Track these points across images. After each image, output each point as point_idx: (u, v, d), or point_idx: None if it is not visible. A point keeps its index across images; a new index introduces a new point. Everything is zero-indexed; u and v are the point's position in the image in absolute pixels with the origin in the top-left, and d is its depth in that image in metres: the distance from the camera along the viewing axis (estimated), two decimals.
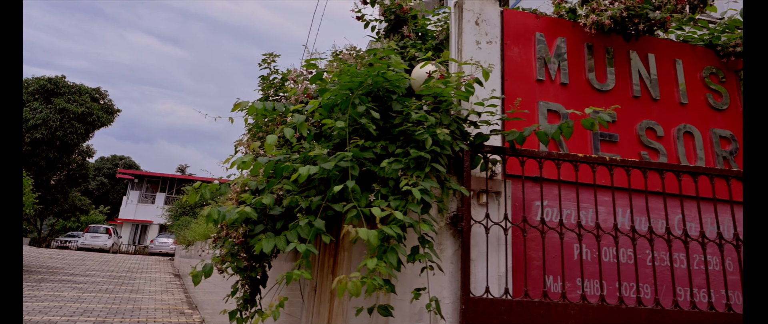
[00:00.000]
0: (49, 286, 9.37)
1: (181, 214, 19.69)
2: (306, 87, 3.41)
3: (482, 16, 3.40)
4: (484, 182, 2.82)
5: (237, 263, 2.84)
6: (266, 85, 4.22)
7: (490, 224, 2.73)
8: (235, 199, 3.02)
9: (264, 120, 3.72)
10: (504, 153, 2.81)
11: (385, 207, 2.14)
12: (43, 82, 25.73)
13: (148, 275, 12.82)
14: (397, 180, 2.46)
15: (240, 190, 3.07)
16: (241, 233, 2.81)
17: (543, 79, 3.41)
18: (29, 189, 10.43)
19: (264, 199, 2.51)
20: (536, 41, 3.50)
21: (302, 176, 2.28)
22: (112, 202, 48.85)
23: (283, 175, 2.69)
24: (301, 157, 2.64)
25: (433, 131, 2.45)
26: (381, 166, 2.39)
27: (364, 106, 2.45)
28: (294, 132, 2.46)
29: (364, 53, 3.87)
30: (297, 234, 2.56)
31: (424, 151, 2.40)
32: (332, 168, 2.32)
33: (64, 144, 25.28)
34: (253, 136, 3.66)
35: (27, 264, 13.00)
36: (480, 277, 2.71)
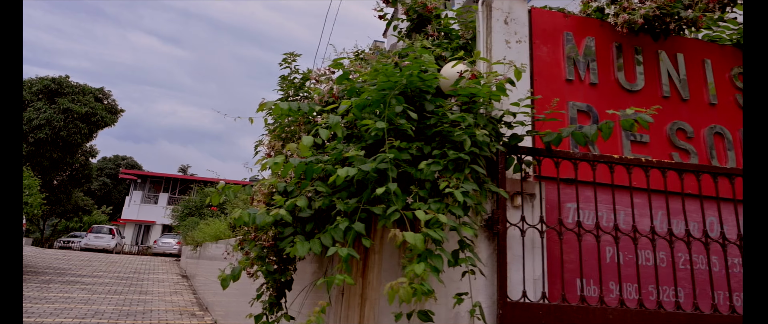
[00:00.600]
0: (58, 287, 9.32)
1: (187, 214, 19.64)
2: (331, 87, 3.36)
3: (511, 15, 3.35)
4: (518, 184, 2.77)
5: (266, 267, 2.79)
6: (287, 85, 4.17)
7: (525, 227, 2.68)
8: (263, 201, 2.97)
9: (287, 120, 3.67)
10: (539, 154, 2.75)
11: (428, 210, 2.09)
12: (46, 82, 25.69)
13: (155, 276, 12.77)
14: (433, 182, 2.41)
15: (268, 191, 3.02)
16: (270, 236, 2.76)
17: (572, 78, 3.36)
18: (36, 189, 10.38)
19: (298, 202, 2.46)
20: (565, 40, 3.44)
21: (340, 178, 2.23)
22: (114, 202, 48.86)
23: (314, 176, 2.64)
24: (332, 158, 2.59)
25: (471, 132, 2.40)
26: (419, 167, 2.33)
27: (401, 107, 2.40)
28: (329, 133, 2.41)
29: (388, 52, 3.82)
30: (331, 237, 2.51)
31: (463, 152, 2.35)
32: (371, 170, 2.27)
33: (68, 144, 25.23)
34: (276, 136, 3.60)
35: (33, 265, 12.96)
36: (515, 281, 2.67)
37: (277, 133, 3.65)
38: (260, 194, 3.00)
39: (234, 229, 5.58)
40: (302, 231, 2.78)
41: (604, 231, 2.73)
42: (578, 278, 2.77)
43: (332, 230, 2.53)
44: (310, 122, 3.62)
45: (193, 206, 19.80)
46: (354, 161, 2.35)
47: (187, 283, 11.75)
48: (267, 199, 2.97)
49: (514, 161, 2.77)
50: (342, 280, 2.03)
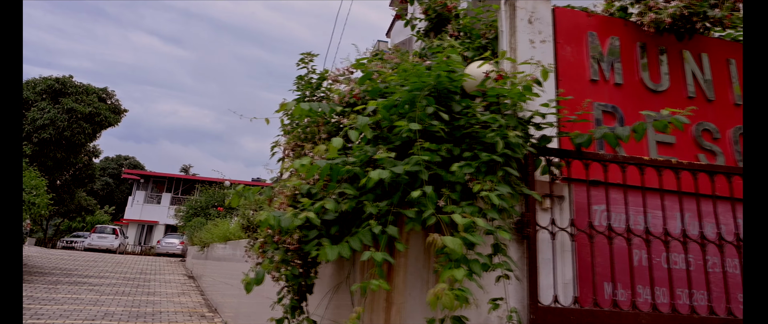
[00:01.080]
0: (66, 288, 9.29)
1: (192, 215, 19.58)
2: (352, 88, 3.31)
3: (535, 14, 3.30)
4: (547, 186, 2.73)
5: (291, 270, 2.74)
6: (304, 85, 4.12)
7: (555, 230, 2.63)
8: (286, 204, 2.92)
9: (306, 121, 3.62)
10: (569, 156, 2.71)
11: (464, 213, 2.05)
12: (50, 81, 25.67)
13: (161, 277, 12.73)
14: (464, 184, 2.37)
15: (291, 193, 2.97)
16: (295, 239, 2.71)
17: (597, 79, 3.31)
18: (43, 190, 10.35)
19: (326, 204, 2.41)
20: (589, 40, 3.40)
21: (372, 180, 2.19)
22: (116, 202, 48.88)
23: (339, 178, 2.60)
24: (358, 160, 2.54)
25: (503, 133, 2.36)
26: (451, 170, 2.29)
27: (432, 108, 2.35)
28: (358, 134, 2.36)
29: (406, 52, 3.78)
30: (359, 240, 2.47)
31: (496, 154, 2.31)
32: (403, 172, 2.22)
33: (72, 144, 25.21)
34: (295, 137, 3.56)
35: (40, 265, 12.93)
36: (545, 285, 2.62)
37: (295, 134, 3.61)
38: (283, 196, 2.95)
39: (247, 231, 5.54)
40: (327, 234, 2.74)
41: (635, 234, 2.68)
42: (607, 282, 2.73)
43: (361, 233, 2.49)
44: (329, 123, 3.58)
45: (199, 206, 19.76)
46: (384, 163, 2.31)
47: (193, 283, 11.70)
48: (290, 201, 2.92)
49: (541, 163, 2.72)
50: (378, 286, 1.99)
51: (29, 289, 8.86)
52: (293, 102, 3.32)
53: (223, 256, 8.43)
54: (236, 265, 7.08)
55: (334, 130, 3.56)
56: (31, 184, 9.89)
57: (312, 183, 2.92)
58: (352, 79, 3.78)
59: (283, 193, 3.03)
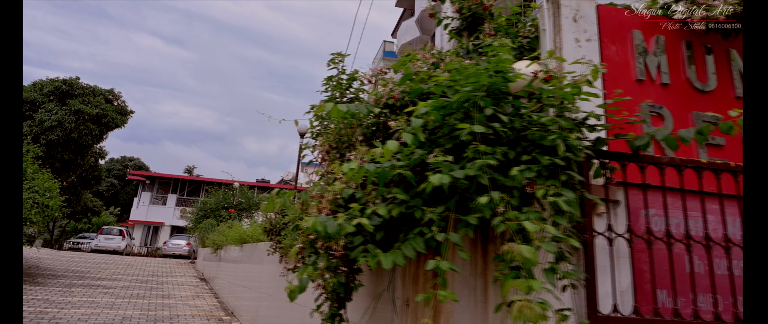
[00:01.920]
0: (80, 291, 9.23)
1: (202, 216, 19.52)
2: (391, 88, 3.22)
3: (579, 13, 3.20)
4: (602, 190, 2.63)
5: (338, 277, 2.65)
6: (334, 85, 4.03)
7: (613, 236, 2.54)
8: (328, 209, 2.83)
9: (341, 123, 3.53)
10: (625, 159, 2.61)
11: (534, 220, 1.95)
12: (57, 83, 25.66)
13: (173, 279, 12.66)
14: (521, 189, 2.28)
15: (332, 198, 2.88)
16: (341, 245, 2.62)
17: (643, 79, 3.21)
18: (56, 192, 10.30)
19: (378, 210, 2.32)
20: (633, 39, 3.29)
21: (431, 185, 2.10)
22: (122, 203, 48.91)
23: (386, 182, 2.51)
24: (407, 163, 2.45)
25: (565, 136, 2.26)
26: (510, 174, 2.19)
27: (491, 109, 2.26)
28: (414, 137, 2.27)
29: (444, 52, 3.68)
30: (412, 247, 2.38)
31: (557, 157, 2.21)
32: (463, 176, 2.13)
33: (79, 145, 25.19)
34: (331, 139, 3.47)
35: (52, 268, 12.88)
36: (602, 294, 2.52)
37: (329, 137, 3.52)
38: (325, 201, 2.86)
39: (269, 234, 5.46)
40: (372, 240, 2.65)
41: (695, 240, 2.58)
42: (664, 290, 2.62)
43: (413, 240, 2.40)
44: (363, 125, 3.49)
45: (208, 208, 19.69)
46: (441, 167, 2.22)
47: (206, 286, 11.62)
48: (333, 206, 2.83)
49: (594, 165, 2.63)
50: (445, 297, 1.90)
51: (44, 292, 8.79)
52: (331, 103, 3.24)
53: (240, 259, 8.35)
54: (255, 267, 7.00)
55: (369, 133, 3.47)
56: (45, 186, 9.84)
57: (356, 187, 2.83)
58: (386, 79, 3.69)
59: (324, 198, 2.94)
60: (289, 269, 3.63)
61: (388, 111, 3.26)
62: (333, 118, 3.36)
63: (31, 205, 8.96)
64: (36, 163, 10.50)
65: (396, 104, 3.25)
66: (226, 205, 19.52)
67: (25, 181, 9.46)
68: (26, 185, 9.41)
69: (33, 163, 10.26)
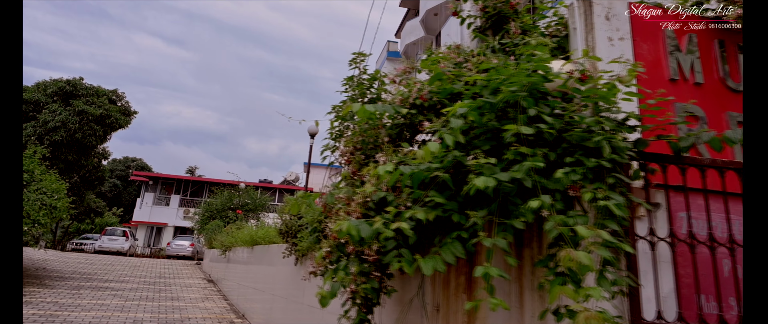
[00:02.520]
0: (89, 293, 9.17)
1: (209, 217, 19.43)
2: (420, 88, 3.15)
3: (612, 11, 3.13)
4: (642, 193, 2.56)
5: (371, 283, 2.58)
6: (356, 85, 3.97)
7: (655, 240, 2.46)
8: (359, 212, 2.76)
9: (366, 124, 3.47)
10: (666, 161, 2.54)
11: (588, 225, 1.88)
12: (61, 84, 25.61)
13: (181, 281, 12.59)
14: (563, 192, 2.21)
15: (362, 201, 2.81)
16: (374, 250, 2.55)
17: (677, 78, 3.14)
18: (64, 193, 10.25)
19: (417, 214, 2.25)
20: (666, 37, 3.22)
21: (475, 187, 2.03)
22: (124, 203, 48.85)
23: (420, 184, 2.45)
24: (444, 166, 2.38)
25: (609, 137, 2.19)
26: (556, 176, 2.12)
27: (534, 110, 2.19)
28: (453, 138, 2.20)
29: (470, 51, 3.61)
30: (451, 252, 2.31)
31: (603, 159, 2.15)
32: (508, 179, 2.06)
33: (83, 146, 25.15)
34: (355, 141, 3.39)
35: (59, 270, 12.82)
36: (644, 299, 2.45)
37: (355, 138, 3.44)
38: (355, 204, 2.79)
39: (285, 236, 5.39)
40: (405, 244, 2.59)
41: (738, 244, 2.51)
42: (707, 295, 2.55)
43: (451, 245, 2.34)
44: (386, 126, 3.42)
45: (215, 209, 19.62)
46: (483, 170, 2.15)
47: (214, 288, 11.55)
48: (363, 209, 2.77)
49: (634, 167, 2.56)
50: (496, 306, 1.83)
51: (53, 294, 8.73)
52: (358, 104, 3.17)
53: (250, 261, 8.28)
54: (268, 269, 6.93)
55: (395, 134, 3.40)
56: (52, 187, 9.79)
57: (387, 190, 2.77)
58: (410, 79, 3.62)
59: (354, 201, 2.87)
60: (311, 273, 3.56)
61: (415, 111, 3.20)
62: (358, 118, 3.29)
63: (39, 207, 8.91)
64: (43, 164, 10.45)
65: (424, 104, 3.18)
66: (232, 206, 19.43)
67: (33, 182, 9.42)
68: (34, 186, 9.36)
69: (40, 164, 10.21)
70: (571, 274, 2.04)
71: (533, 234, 2.57)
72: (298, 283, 5.32)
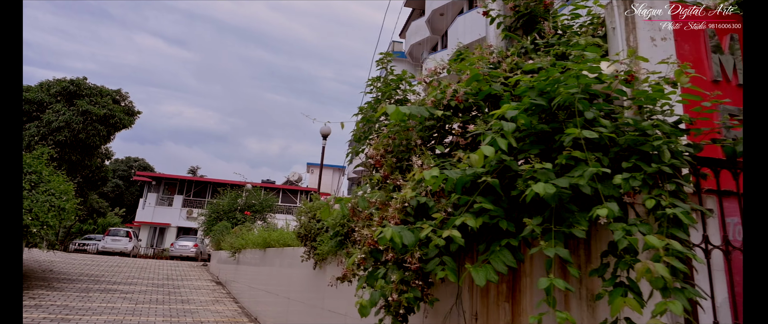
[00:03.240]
0: (98, 296, 9.07)
1: (215, 218, 19.30)
2: (455, 89, 3.06)
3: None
4: (695, 199, 2.46)
5: (413, 292, 2.49)
6: (381, 87, 3.88)
7: (710, 247, 2.37)
8: (397, 218, 2.67)
9: (396, 125, 3.37)
10: (719, 165, 2.44)
11: (653, 234, 1.79)
12: (65, 83, 25.53)
13: (189, 283, 12.49)
14: (618, 199, 2.11)
15: (400, 206, 2.72)
16: (417, 258, 2.46)
17: (719, 79, 3.04)
18: (72, 194, 10.16)
19: (467, 220, 2.16)
20: (707, 37, 3.13)
21: (531, 193, 1.94)
22: (127, 204, 48.78)
23: (463, 189, 2.36)
24: (490, 170, 2.29)
25: (669, 141, 2.10)
26: (615, 182, 2.03)
27: (592, 113, 2.09)
28: (506, 142, 2.11)
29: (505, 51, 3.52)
30: (502, 261, 2.22)
31: (664, 164, 2.05)
32: (567, 185, 1.97)
33: (86, 146, 25.07)
34: (385, 143, 3.30)
35: (66, 271, 12.73)
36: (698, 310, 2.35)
37: (386, 141, 3.35)
38: (393, 210, 2.70)
39: (304, 240, 5.29)
40: (447, 252, 2.50)
41: None
42: None
43: (501, 254, 2.24)
44: (417, 127, 3.33)
45: (222, 210, 19.49)
46: (538, 175, 2.06)
47: (224, 290, 11.44)
48: (402, 215, 2.67)
49: (685, 172, 2.46)
50: (564, 319, 1.73)
51: (62, 297, 8.64)
52: (393, 105, 3.08)
53: (263, 263, 8.18)
54: (282, 272, 6.83)
55: (427, 137, 3.31)
56: (60, 188, 9.70)
57: (426, 195, 2.68)
58: (440, 80, 3.53)
59: (391, 206, 2.78)
60: (338, 279, 3.48)
61: (450, 113, 3.11)
62: (390, 120, 3.20)
63: (47, 208, 8.82)
64: (51, 164, 10.36)
65: (459, 106, 3.09)
66: (239, 208, 19.29)
67: (41, 183, 9.33)
68: (42, 187, 9.26)
69: (48, 165, 10.13)
70: (632, 286, 1.95)
71: (579, 242, 2.48)
72: (317, 288, 5.23)
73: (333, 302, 4.82)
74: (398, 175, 3.17)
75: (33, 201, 8.67)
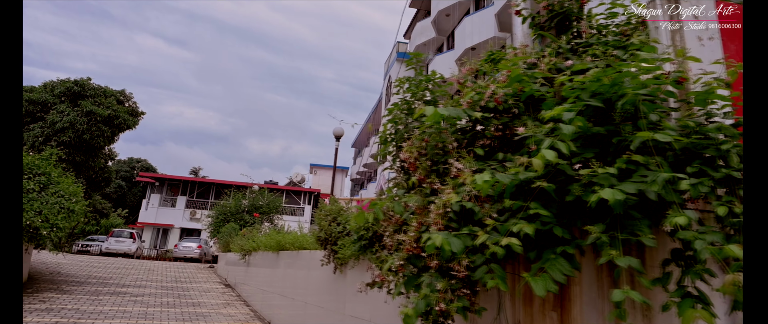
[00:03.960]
0: (109, 299, 8.96)
1: (223, 220, 19.15)
2: (494, 91, 2.96)
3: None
4: None
5: (461, 302, 2.39)
6: (413, 87, 3.78)
7: None
8: (440, 224, 2.57)
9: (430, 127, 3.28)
10: None
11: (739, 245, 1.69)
12: (69, 84, 25.46)
13: (198, 285, 12.38)
14: (681, 204, 2.02)
15: (442, 212, 2.62)
16: (464, 266, 2.37)
17: None
18: (81, 196, 10.06)
19: (525, 228, 2.06)
20: None
21: (597, 198, 1.85)
22: (129, 205, 48.72)
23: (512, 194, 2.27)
24: (544, 174, 2.19)
25: (736, 145, 2.00)
26: (681, 187, 1.93)
27: (656, 116, 2.00)
28: (567, 146, 2.01)
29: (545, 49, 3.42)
30: (558, 269, 2.12)
31: (732, 169, 1.96)
32: (635, 191, 1.87)
33: (91, 147, 24.99)
34: (419, 145, 3.21)
35: (74, 274, 12.63)
36: None
37: (419, 143, 3.25)
38: (435, 215, 2.60)
39: (324, 244, 5.20)
40: (494, 259, 2.40)
41: None
42: None
43: (557, 262, 2.15)
44: (451, 129, 3.24)
45: (229, 212, 19.36)
46: (600, 180, 1.96)
47: (233, 292, 11.33)
48: (445, 220, 2.58)
49: None
50: None
51: (73, 301, 8.54)
52: (431, 107, 2.98)
53: (277, 266, 8.07)
54: (297, 275, 6.73)
55: (462, 139, 3.21)
56: (69, 190, 9.60)
57: (470, 200, 2.58)
58: (476, 80, 3.44)
59: (432, 211, 2.68)
60: (369, 284, 3.38)
61: (490, 115, 3.01)
62: (427, 122, 3.11)
63: (57, 210, 8.72)
64: (59, 166, 10.27)
65: (499, 108, 2.99)
66: (246, 209, 19.16)
67: (51, 185, 9.23)
68: (52, 189, 9.17)
69: (56, 166, 10.03)
70: (703, 297, 1.86)
71: (631, 248, 2.39)
72: (337, 292, 5.13)
73: (356, 307, 4.73)
74: (435, 178, 3.08)
75: (43, 203, 8.58)
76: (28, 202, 8.38)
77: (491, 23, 17.00)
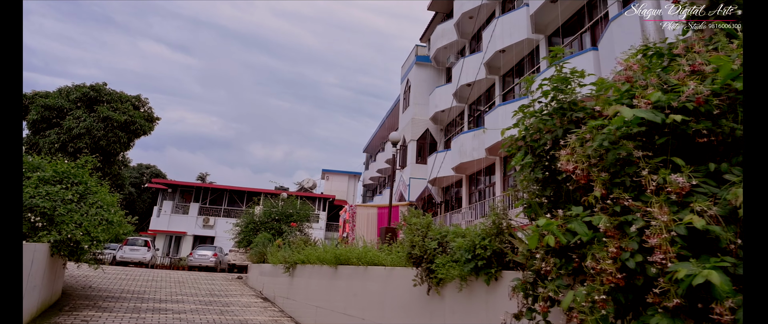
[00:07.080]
0: (152, 317, 8.43)
1: (252, 229, 18.58)
2: (695, 89, 2.49)
3: None
4: None
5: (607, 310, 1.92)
6: (560, 84, 3.32)
7: None
8: (671, 252, 2.10)
9: (600, 132, 2.80)
10: None
11: None
12: (85, 89, 25.07)
13: (235, 299, 11.84)
14: None
15: (669, 237, 2.15)
16: (727, 308, 1.88)
17: None
18: (117, 206, 9.64)
19: None
20: None
21: None
22: (139, 211, 48.25)
23: None
24: None
25: None
26: None
27: None
28: None
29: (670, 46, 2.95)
30: None
31: None
32: None
33: (107, 153, 24.59)
34: (592, 152, 2.73)
35: (105, 288, 12.14)
36: None
37: (590, 152, 2.77)
38: (661, 239, 2.13)
39: (418, 262, 4.71)
40: None
41: None
42: None
43: None
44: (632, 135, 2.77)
45: (259, 221, 18.79)
46: None
47: (275, 307, 10.75)
48: (676, 248, 2.11)
49: None
50: None
51: (116, 320, 8.02)
52: (625, 107, 2.52)
53: (337, 281, 7.51)
54: (369, 292, 6.20)
55: (645, 147, 2.73)
56: (107, 200, 9.18)
57: (713, 222, 2.11)
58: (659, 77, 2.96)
59: (658, 236, 2.20)
60: (516, 316, 2.90)
61: (691, 119, 2.53)
62: (612, 125, 2.64)
63: (98, 222, 8.28)
64: (95, 174, 9.83)
65: (700, 109, 2.52)
66: (277, 217, 18.62)
67: (89, 195, 8.80)
68: (91, 199, 8.74)
69: (92, 175, 9.61)
70: None
71: None
72: (433, 315, 4.63)
73: None
74: (622, 193, 2.60)
75: (83, 214, 8.14)
76: (68, 214, 7.94)
77: (523, 25, 16.54)
